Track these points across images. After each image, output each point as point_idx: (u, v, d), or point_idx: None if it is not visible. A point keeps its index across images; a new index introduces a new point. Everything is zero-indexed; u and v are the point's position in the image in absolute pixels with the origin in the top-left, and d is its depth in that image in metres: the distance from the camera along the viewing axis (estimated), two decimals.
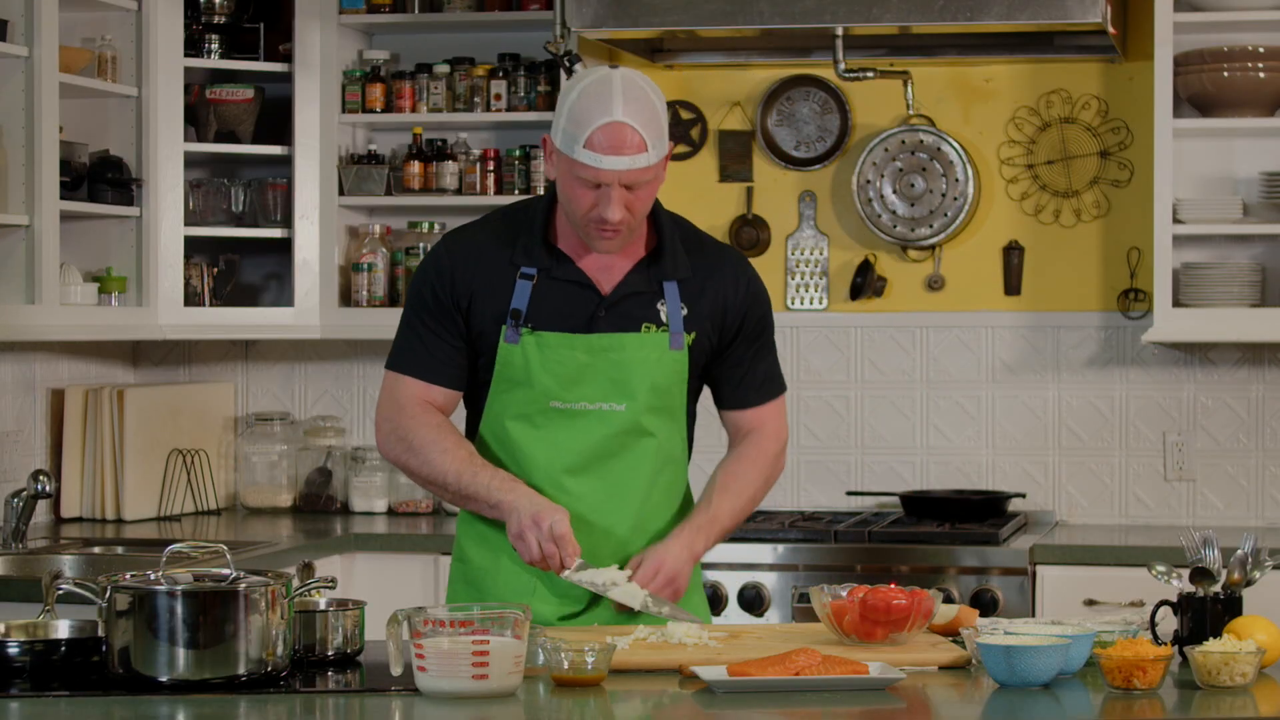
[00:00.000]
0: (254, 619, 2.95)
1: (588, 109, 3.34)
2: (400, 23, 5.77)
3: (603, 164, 3.33)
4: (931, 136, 5.64)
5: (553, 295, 3.49)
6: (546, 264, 3.49)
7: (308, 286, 5.70)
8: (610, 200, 3.36)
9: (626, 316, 3.49)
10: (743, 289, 3.57)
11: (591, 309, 3.49)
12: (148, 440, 5.62)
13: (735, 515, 3.60)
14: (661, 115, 3.39)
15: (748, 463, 3.63)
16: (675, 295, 3.51)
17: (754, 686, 2.92)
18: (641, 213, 3.42)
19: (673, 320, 3.50)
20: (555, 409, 3.51)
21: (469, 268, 3.52)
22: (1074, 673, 3.03)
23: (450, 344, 3.54)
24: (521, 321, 3.49)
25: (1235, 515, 5.56)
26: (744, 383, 3.64)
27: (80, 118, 5.30)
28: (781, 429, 3.69)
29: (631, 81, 3.37)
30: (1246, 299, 5.34)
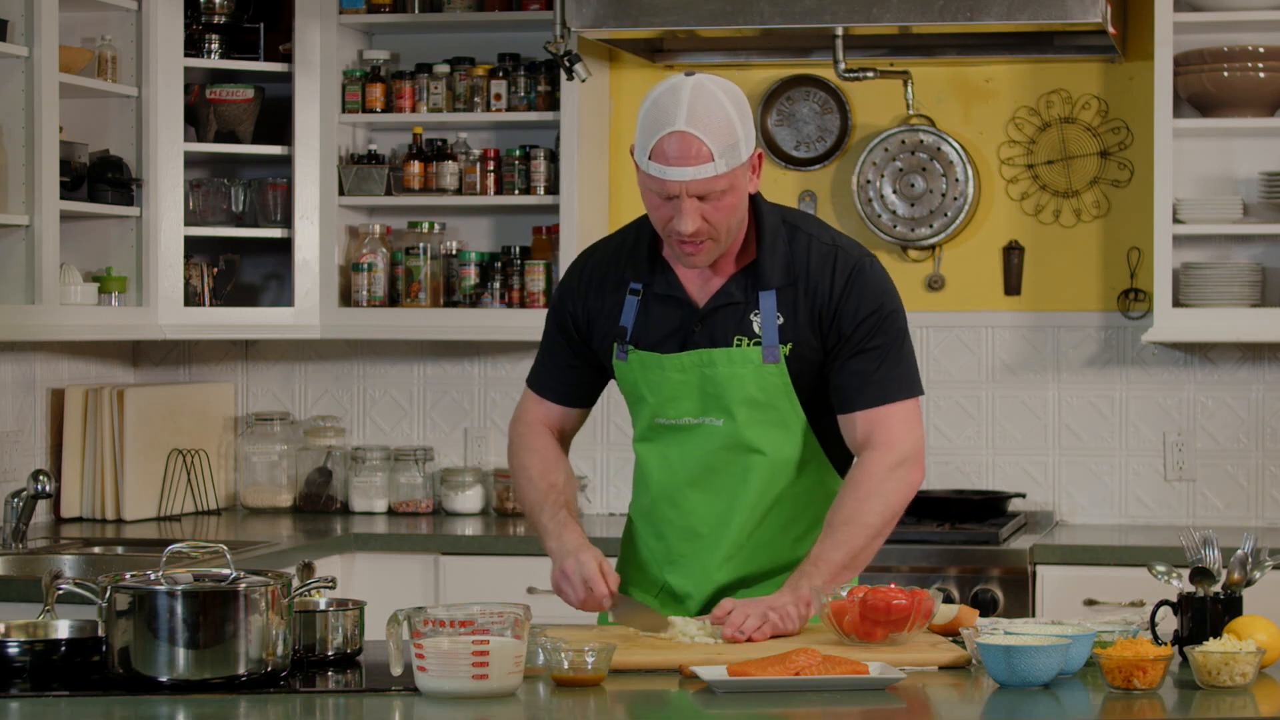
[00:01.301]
0: (254, 619, 2.95)
1: (655, 119, 3.30)
2: (400, 23, 5.77)
3: (667, 175, 3.30)
4: (931, 136, 5.64)
5: (655, 311, 3.48)
6: (650, 279, 3.47)
7: (308, 286, 5.70)
8: (683, 212, 3.31)
9: (719, 329, 3.44)
10: (839, 290, 3.42)
11: (687, 323, 3.45)
12: (148, 440, 5.62)
13: (848, 546, 3.37)
14: (736, 122, 3.31)
15: (851, 487, 3.42)
16: (771, 305, 3.42)
17: (754, 686, 2.92)
18: (724, 223, 3.35)
19: (766, 332, 3.42)
20: (662, 425, 3.50)
21: (586, 288, 3.54)
22: (1074, 673, 3.03)
23: (568, 363, 3.58)
24: (628, 339, 3.49)
25: (1235, 515, 5.56)
26: (850, 386, 3.45)
27: (80, 118, 5.30)
28: (896, 437, 3.44)
29: (703, 89, 3.30)
30: (1246, 299, 5.34)
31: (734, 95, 3.34)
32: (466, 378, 5.95)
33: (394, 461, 5.89)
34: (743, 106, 3.34)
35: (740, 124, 3.32)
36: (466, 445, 5.95)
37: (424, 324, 5.70)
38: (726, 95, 3.32)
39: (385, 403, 6.00)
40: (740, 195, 3.36)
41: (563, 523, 3.49)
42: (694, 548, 3.51)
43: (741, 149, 3.33)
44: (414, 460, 5.85)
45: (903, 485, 3.44)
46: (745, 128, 3.34)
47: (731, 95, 3.33)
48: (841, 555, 3.37)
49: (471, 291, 5.72)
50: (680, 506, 3.51)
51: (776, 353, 3.43)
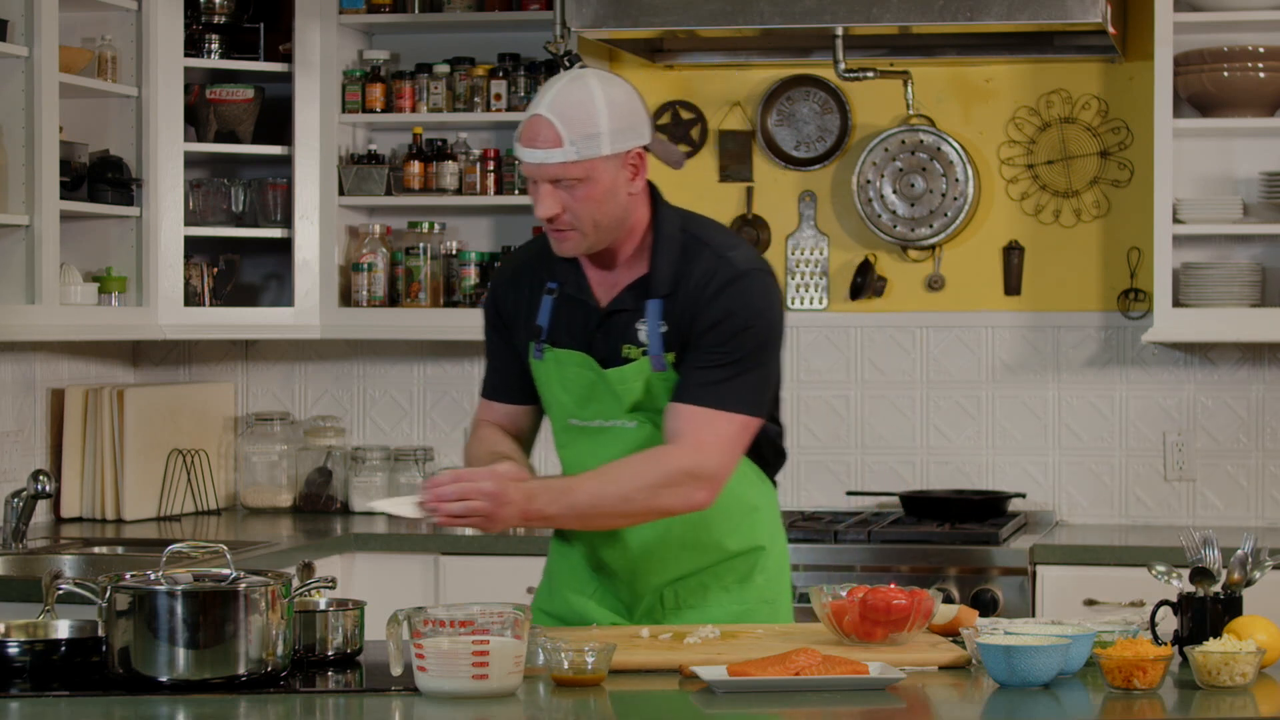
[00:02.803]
0: (254, 619, 2.95)
1: (531, 104, 3.38)
2: (400, 23, 5.77)
3: (521, 155, 3.36)
4: (931, 136, 5.64)
5: (566, 311, 3.50)
6: (564, 277, 3.49)
7: (308, 286, 5.70)
8: (539, 196, 3.35)
9: (612, 335, 3.46)
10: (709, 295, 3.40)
11: (590, 327, 3.47)
12: (148, 440, 5.62)
13: (595, 497, 3.33)
14: (601, 116, 3.32)
15: (643, 460, 3.37)
16: (656, 314, 3.43)
17: (754, 686, 2.92)
18: (586, 214, 3.35)
19: (651, 341, 3.43)
20: (574, 426, 3.51)
21: (510, 287, 3.57)
22: (1074, 673, 3.03)
23: (507, 360, 3.60)
24: (543, 338, 3.50)
25: (1235, 515, 5.56)
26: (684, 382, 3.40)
27: (80, 118, 5.30)
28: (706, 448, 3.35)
29: (578, 79, 3.34)
30: (1246, 299, 5.34)
31: (612, 90, 3.35)
32: (466, 378, 5.95)
33: (394, 461, 5.88)
34: (620, 104, 3.34)
35: (609, 118, 3.33)
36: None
37: (424, 324, 5.70)
38: (603, 89, 3.34)
39: (385, 403, 6.00)
40: (605, 189, 3.35)
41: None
42: (618, 551, 3.52)
43: (603, 142, 3.32)
44: (414, 460, 5.85)
45: (684, 496, 3.36)
46: (617, 123, 3.34)
47: (609, 89, 3.35)
48: (586, 503, 3.34)
49: (471, 291, 5.72)
50: None
51: (663, 361, 3.43)
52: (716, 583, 3.54)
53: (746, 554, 3.56)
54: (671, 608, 3.54)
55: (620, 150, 3.35)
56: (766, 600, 3.59)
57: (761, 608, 3.57)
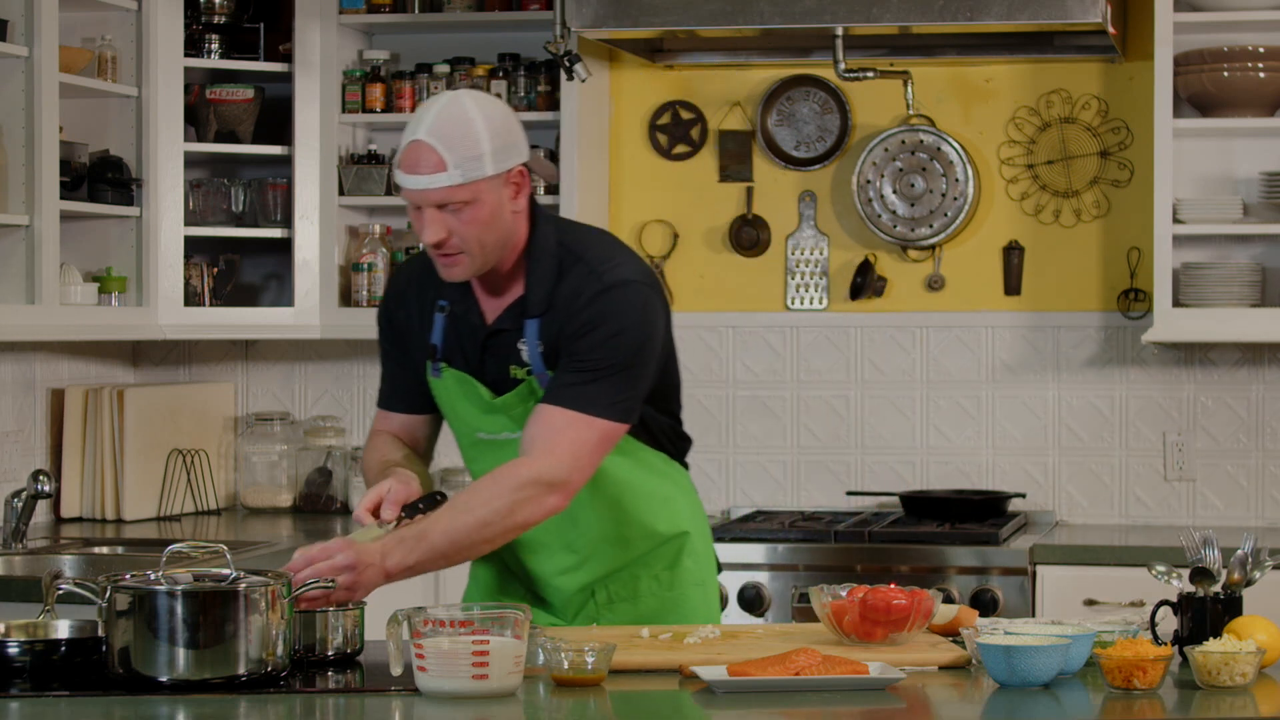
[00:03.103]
0: (254, 619, 2.95)
1: (407, 129, 3.35)
2: (400, 23, 5.77)
3: (405, 183, 3.33)
4: (931, 136, 5.64)
5: (457, 330, 3.51)
6: (453, 295, 3.50)
7: (308, 286, 5.70)
8: (425, 222, 3.33)
9: (497, 356, 3.47)
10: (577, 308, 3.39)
11: (480, 345, 3.48)
12: (148, 440, 5.62)
13: (452, 534, 3.29)
14: (482, 137, 3.31)
15: (490, 480, 3.35)
16: (535, 334, 3.43)
17: (754, 686, 2.92)
18: (474, 237, 3.34)
19: (534, 362, 3.44)
20: (483, 440, 3.53)
21: (400, 302, 3.58)
22: (1074, 673, 3.03)
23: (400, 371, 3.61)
24: (439, 357, 3.52)
25: (1235, 515, 5.56)
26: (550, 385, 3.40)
27: (80, 118, 5.30)
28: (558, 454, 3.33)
29: (455, 102, 3.33)
30: (1246, 299, 5.34)
31: (489, 110, 3.34)
32: None
33: None
34: (498, 122, 3.34)
35: (490, 138, 3.32)
36: None
37: None
38: (480, 108, 3.33)
39: None
40: (491, 210, 3.35)
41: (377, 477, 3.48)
42: (541, 559, 3.53)
43: (486, 163, 3.32)
44: None
45: (536, 505, 3.33)
46: (497, 142, 3.33)
47: (486, 109, 3.34)
48: (445, 542, 3.29)
49: None
50: None
51: (548, 379, 3.43)
52: (646, 572, 3.56)
53: (672, 539, 3.58)
54: (604, 603, 3.56)
55: (503, 169, 3.35)
56: (697, 583, 3.61)
57: (693, 591, 3.60)
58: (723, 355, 5.84)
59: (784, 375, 5.81)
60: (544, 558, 3.54)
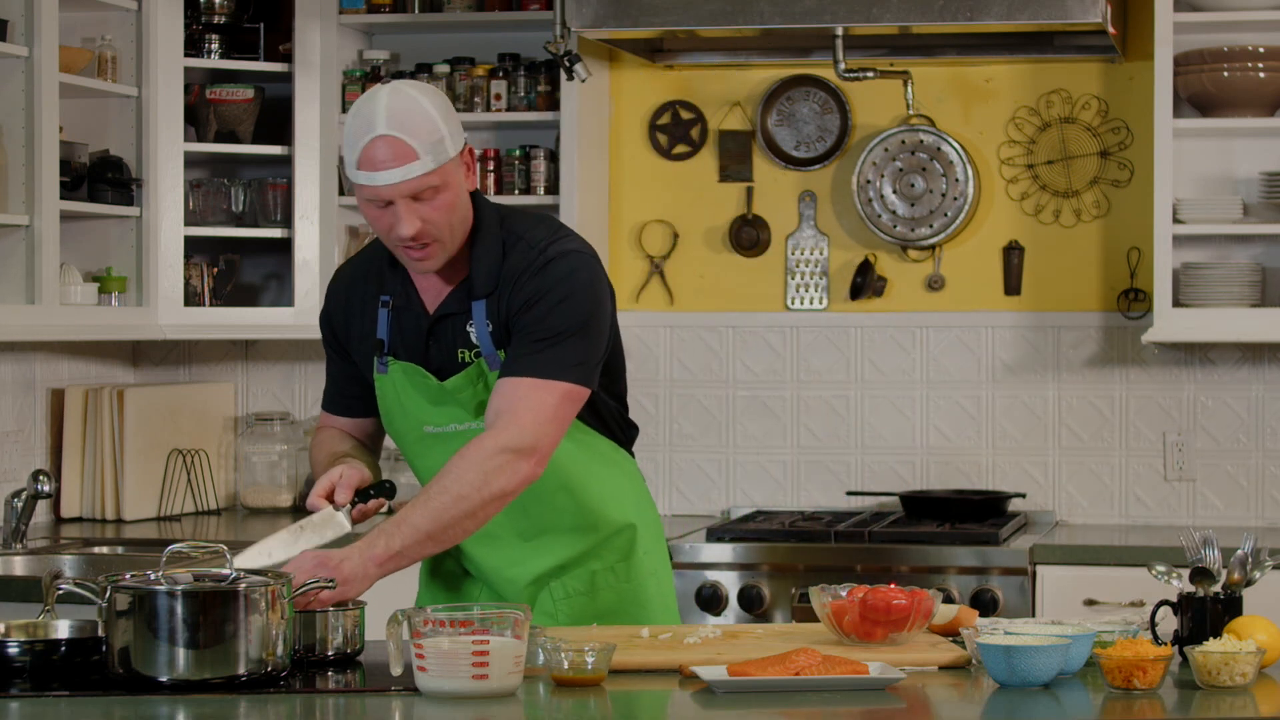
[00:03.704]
0: (254, 619, 2.95)
1: (356, 130, 3.30)
2: (400, 23, 5.77)
3: (377, 180, 3.29)
4: (931, 136, 5.64)
5: (403, 323, 3.50)
6: (394, 289, 3.49)
7: (308, 286, 5.70)
8: (400, 216, 3.30)
9: (445, 342, 3.46)
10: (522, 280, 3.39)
11: (424, 335, 3.47)
12: (148, 440, 5.62)
13: (437, 514, 3.27)
14: (438, 121, 3.30)
15: (458, 458, 3.31)
16: (482, 314, 3.42)
17: (754, 686, 2.92)
18: (445, 222, 3.34)
19: (483, 343, 3.43)
20: (430, 434, 3.51)
21: (342, 305, 3.57)
22: (1074, 673, 3.03)
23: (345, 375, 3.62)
24: (385, 351, 3.51)
25: (1235, 515, 5.56)
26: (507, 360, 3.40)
27: (80, 118, 5.30)
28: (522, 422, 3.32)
29: (399, 92, 3.31)
30: (1246, 299, 5.34)
31: (433, 95, 3.35)
32: None
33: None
34: (443, 105, 3.34)
35: (443, 121, 3.32)
36: None
37: None
38: (424, 95, 3.33)
39: None
40: (456, 192, 3.35)
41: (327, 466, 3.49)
42: (490, 551, 3.52)
43: (448, 145, 3.32)
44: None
45: (510, 472, 3.31)
46: (449, 124, 3.33)
47: (430, 95, 3.34)
48: (427, 523, 3.27)
49: None
50: None
51: (498, 360, 3.42)
52: (600, 564, 3.55)
53: (624, 530, 3.58)
54: (561, 598, 3.55)
55: (458, 150, 3.36)
56: (652, 573, 3.62)
57: (649, 582, 3.60)
58: (723, 355, 5.84)
59: (784, 375, 5.81)
60: (495, 549, 3.53)
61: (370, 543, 3.23)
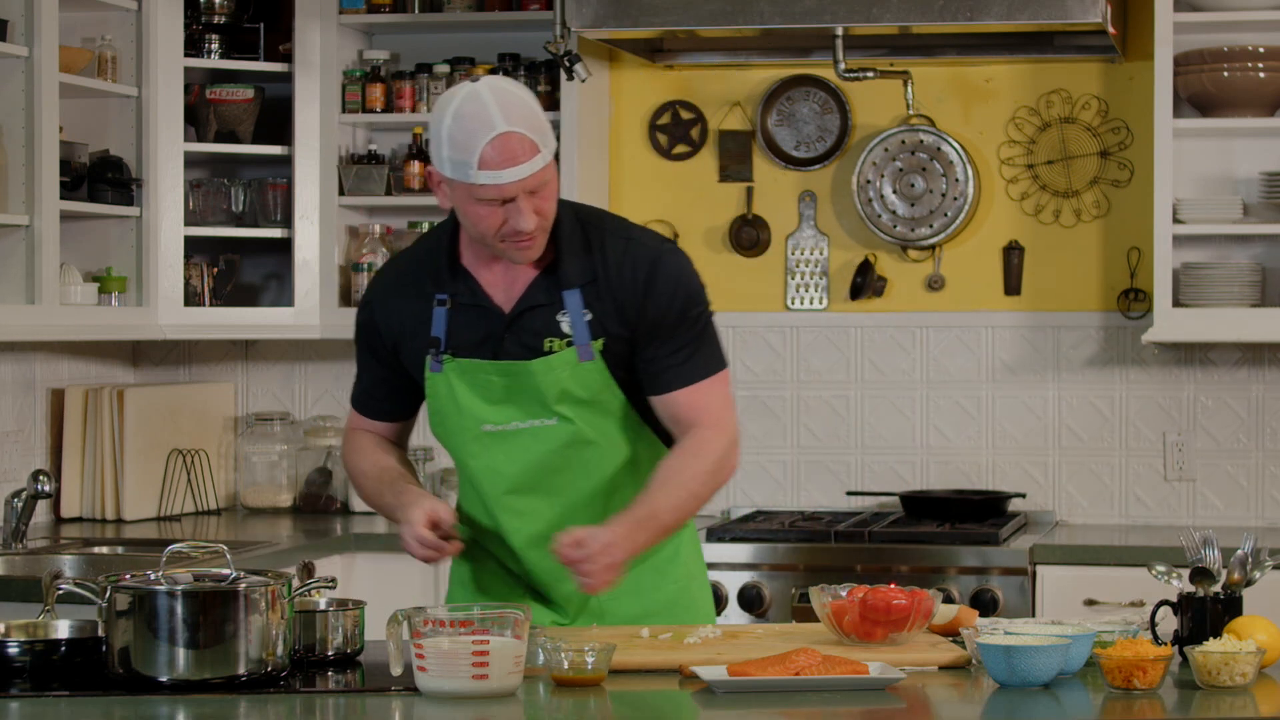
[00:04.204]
0: (254, 619, 2.95)
1: (469, 130, 3.28)
2: (400, 23, 5.77)
3: (503, 178, 3.28)
4: (931, 136, 5.65)
5: (464, 320, 3.47)
6: (454, 288, 3.47)
7: (308, 286, 5.71)
8: (520, 211, 3.31)
9: (529, 332, 3.44)
10: (641, 284, 3.42)
11: (497, 331, 3.45)
12: (148, 440, 5.62)
13: (677, 511, 3.41)
14: (541, 114, 3.33)
15: (688, 456, 3.43)
16: (577, 303, 3.42)
17: (754, 686, 2.92)
18: (551, 213, 3.37)
19: (577, 331, 3.42)
20: (489, 433, 3.48)
21: (389, 306, 3.54)
22: (1074, 673, 3.03)
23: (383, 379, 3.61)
24: (441, 349, 3.49)
25: (1235, 515, 5.56)
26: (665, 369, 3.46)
27: (80, 118, 5.30)
28: (725, 420, 3.47)
29: (501, 89, 3.32)
30: (1246, 299, 5.34)
31: (523, 87, 3.38)
32: None
33: None
34: (536, 99, 3.38)
35: (542, 114, 3.36)
36: None
37: None
38: (520, 88, 3.36)
39: None
40: (557, 183, 3.40)
41: (401, 491, 3.49)
42: (542, 553, 3.50)
43: (551, 138, 3.35)
44: (414, 460, 5.84)
45: (730, 468, 3.48)
46: (545, 117, 3.37)
47: (522, 87, 3.37)
48: (672, 518, 3.41)
49: None
50: (523, 514, 3.50)
51: (590, 350, 3.43)
52: (646, 566, 3.53)
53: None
54: (608, 599, 3.53)
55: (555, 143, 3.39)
56: (694, 576, 3.63)
57: (692, 585, 3.61)
58: None
59: (784, 375, 5.81)
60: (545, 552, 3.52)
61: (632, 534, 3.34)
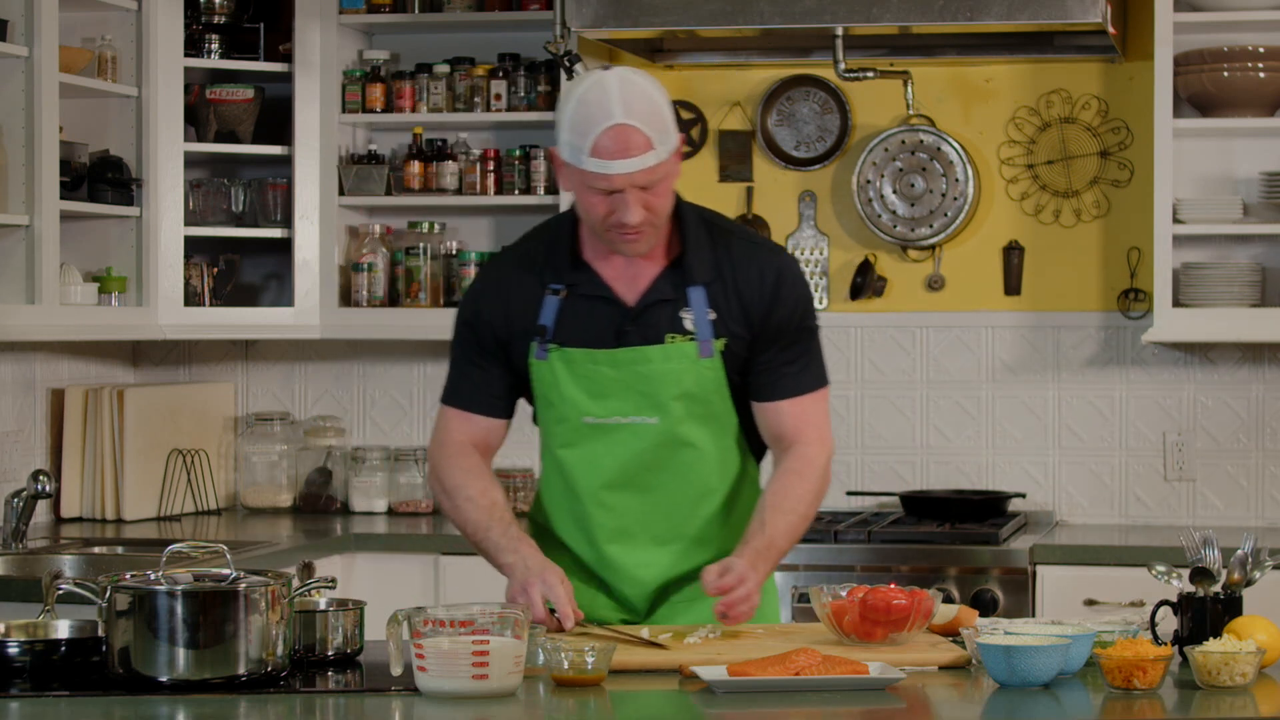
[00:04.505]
0: (254, 619, 2.95)
1: (588, 116, 3.29)
2: (400, 23, 5.77)
3: (612, 169, 3.28)
4: (931, 136, 5.64)
5: (579, 311, 3.46)
6: (572, 279, 3.46)
7: (308, 286, 5.71)
8: (627, 204, 3.31)
9: (651, 327, 3.44)
10: (768, 288, 3.46)
11: (617, 323, 3.44)
12: (148, 440, 5.62)
13: (791, 534, 3.46)
14: (664, 110, 3.33)
15: (795, 477, 3.49)
16: (702, 300, 3.44)
17: (754, 686, 2.92)
18: (662, 210, 3.36)
19: (700, 327, 3.43)
20: (589, 425, 3.48)
21: (499, 295, 3.51)
22: (1074, 673, 3.03)
23: (484, 371, 3.54)
24: (548, 338, 3.47)
25: (1235, 515, 5.56)
26: (776, 376, 3.51)
27: (80, 118, 5.30)
28: (825, 435, 3.54)
29: (628, 81, 3.31)
30: (1246, 299, 5.34)
31: (656, 84, 3.37)
32: None
33: (394, 461, 5.89)
34: (665, 94, 3.37)
35: (667, 111, 3.35)
36: None
37: (424, 324, 5.69)
38: (651, 84, 3.35)
39: (385, 403, 6.00)
40: (673, 181, 3.39)
41: (516, 538, 3.46)
42: (625, 550, 3.50)
43: (672, 135, 3.35)
44: (414, 460, 5.85)
45: (827, 480, 3.55)
46: (670, 114, 3.36)
47: (654, 84, 3.36)
48: (785, 542, 3.46)
49: None
50: (612, 509, 3.50)
51: (711, 347, 3.44)
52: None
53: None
54: (680, 601, 3.53)
55: (679, 138, 3.38)
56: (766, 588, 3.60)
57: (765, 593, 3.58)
58: None
59: None
60: (629, 548, 3.51)
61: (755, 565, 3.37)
